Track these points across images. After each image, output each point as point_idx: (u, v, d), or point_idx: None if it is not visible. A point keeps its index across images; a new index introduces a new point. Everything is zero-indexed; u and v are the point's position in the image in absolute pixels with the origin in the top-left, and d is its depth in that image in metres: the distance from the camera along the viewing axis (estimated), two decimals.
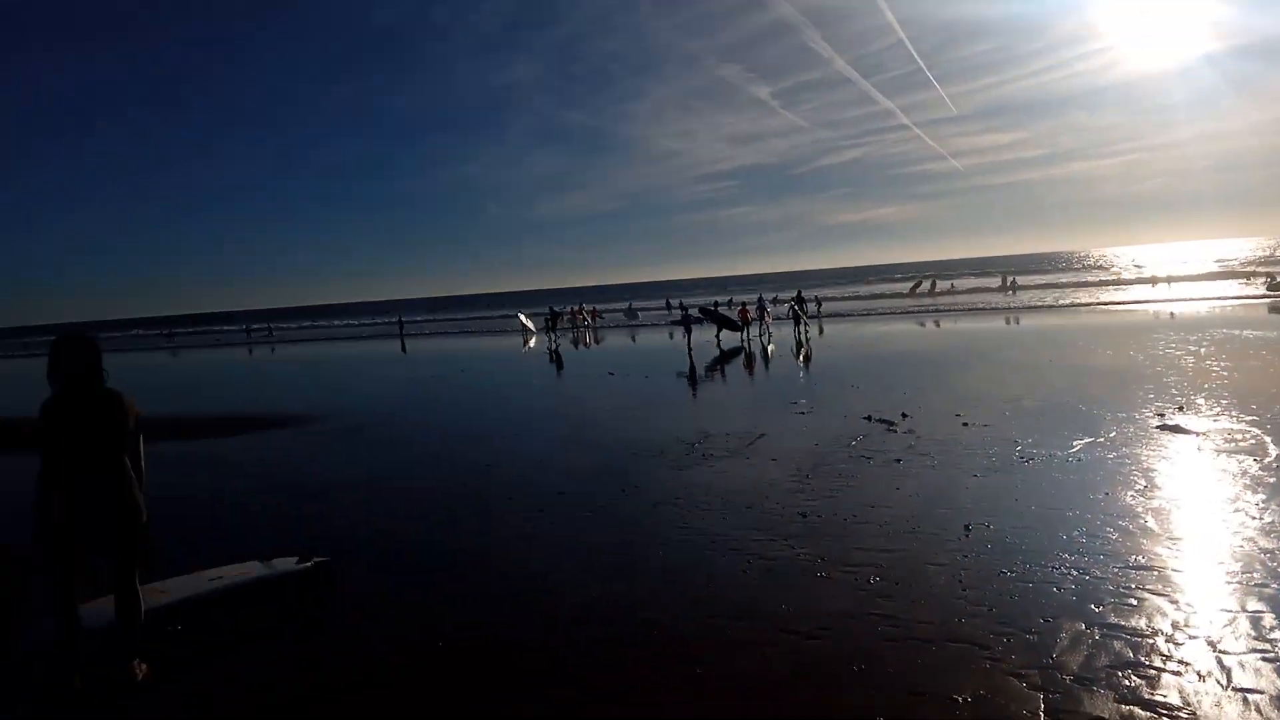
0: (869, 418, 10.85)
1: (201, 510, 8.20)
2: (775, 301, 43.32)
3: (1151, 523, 5.97)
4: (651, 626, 4.67)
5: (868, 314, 41.64)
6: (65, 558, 4.11)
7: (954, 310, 39.16)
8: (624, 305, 61.21)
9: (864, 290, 70.06)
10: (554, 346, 31.84)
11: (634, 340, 35.67)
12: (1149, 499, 6.56)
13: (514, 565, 5.95)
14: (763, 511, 6.92)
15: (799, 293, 35.22)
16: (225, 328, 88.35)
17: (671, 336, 33.41)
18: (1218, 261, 68.52)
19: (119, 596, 4.31)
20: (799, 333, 29.12)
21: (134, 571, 4.32)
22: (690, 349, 24.80)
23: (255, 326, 77.42)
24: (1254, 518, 5.93)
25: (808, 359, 21.51)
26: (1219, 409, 9.91)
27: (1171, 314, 27.54)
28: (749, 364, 21.50)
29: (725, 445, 9.86)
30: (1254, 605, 4.46)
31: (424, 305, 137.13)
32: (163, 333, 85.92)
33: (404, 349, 39.65)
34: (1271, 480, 6.84)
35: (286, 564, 5.86)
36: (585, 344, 35.06)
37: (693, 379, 18.47)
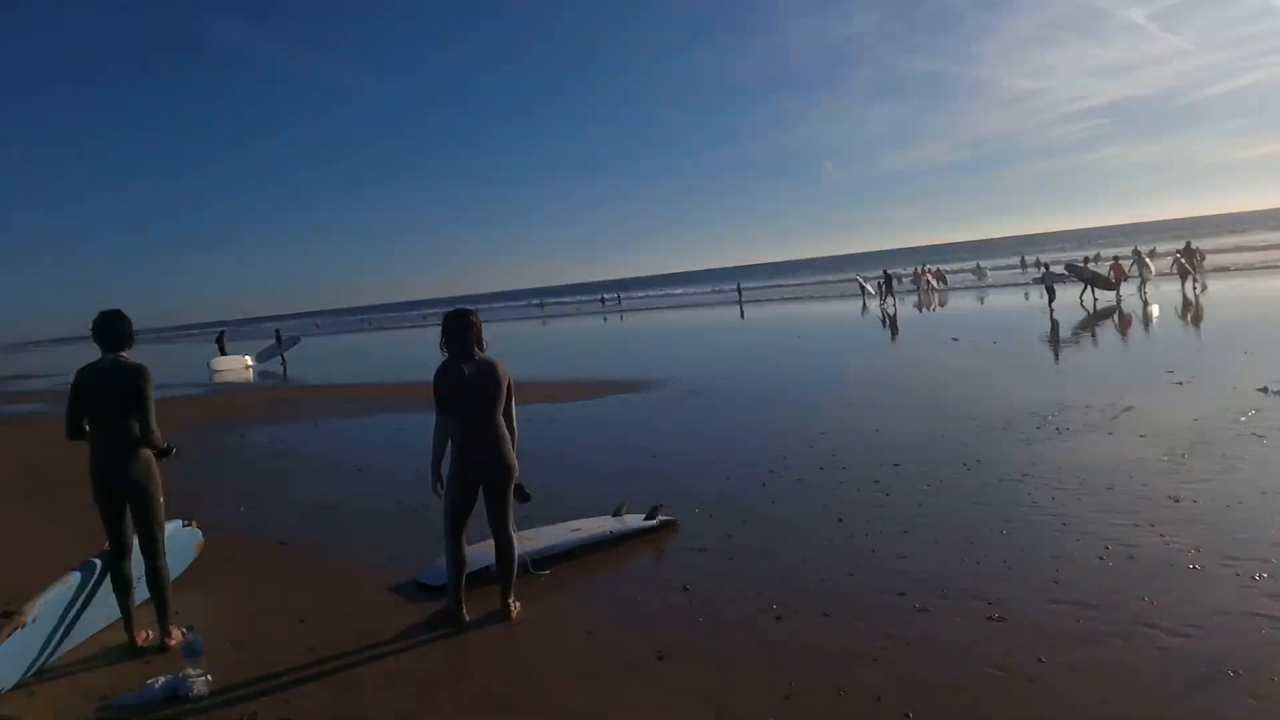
0: (1265, 389, 9.40)
1: (564, 466, 9.08)
2: (1153, 255, 38.54)
3: None
4: (992, 608, 4.48)
5: (1269, 267, 35.64)
6: (456, 505, 4.82)
7: None
8: (971, 265, 57.74)
9: (1262, 239, 59.72)
10: (891, 311, 30.92)
11: (982, 303, 33.63)
12: None
13: (843, 538, 5.95)
14: (1125, 493, 6.30)
15: (1188, 244, 30.89)
16: (581, 298, 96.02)
17: (1027, 297, 31.06)
18: None
19: (497, 541, 4.95)
20: (1185, 290, 25.64)
21: (509, 519, 4.94)
22: (1052, 311, 22.88)
23: (607, 296, 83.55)
24: None
25: (1195, 320, 18.97)
26: None
27: None
28: (1121, 326, 19.44)
29: (1084, 418, 9.06)
30: None
31: (763, 271, 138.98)
32: (533, 303, 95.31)
33: (742, 315, 40.64)
34: None
35: (635, 520, 6.38)
36: (928, 307, 33.67)
37: (1053, 344, 17.07)
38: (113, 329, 4.79)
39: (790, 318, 34.71)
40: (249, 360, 33.99)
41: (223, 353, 35.57)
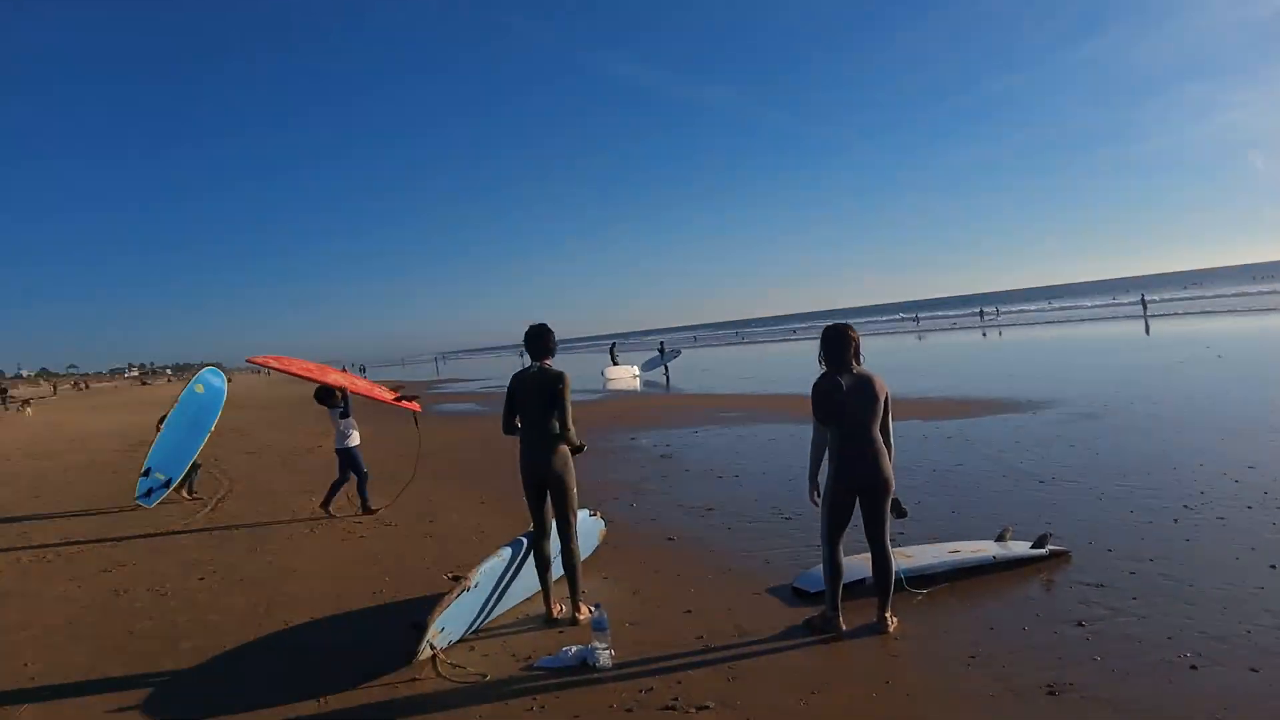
0: None
1: (941, 485, 8.78)
2: None
3: None
4: None
5: None
6: (833, 515, 4.92)
7: None
8: None
9: None
10: None
11: None
12: None
13: (1277, 586, 5.17)
14: None
15: None
16: (957, 311, 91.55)
17: None
18: None
19: (874, 555, 4.97)
20: None
21: (886, 534, 4.94)
22: None
23: (986, 309, 79.20)
24: None
25: None
26: None
27: None
28: None
29: None
30: None
31: (1173, 281, 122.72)
32: (909, 317, 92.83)
33: (1147, 330, 36.25)
34: None
35: (1021, 547, 6.04)
36: None
37: None
38: (538, 340, 5.59)
39: (1208, 333, 30.27)
40: (636, 370, 36.83)
41: (614, 362, 38.84)
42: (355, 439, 9.53)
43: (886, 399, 4.89)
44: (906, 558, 5.73)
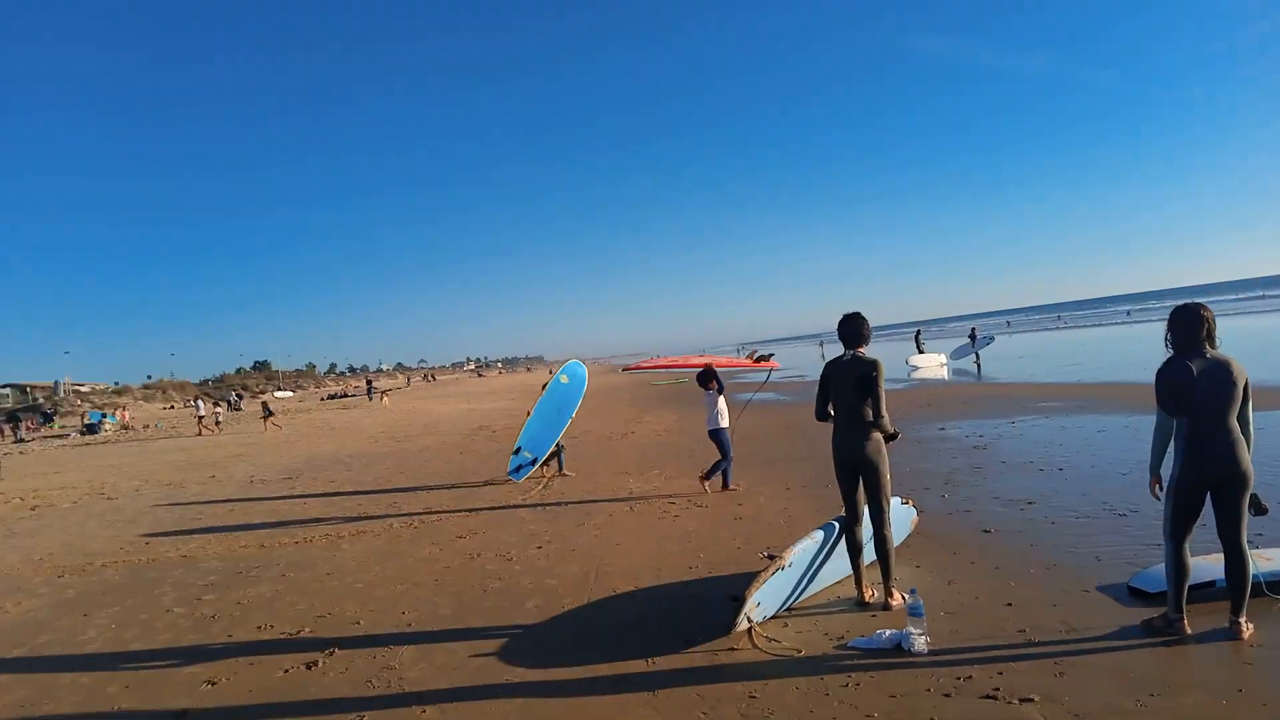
0: None
1: None
2: None
3: None
4: None
5: None
6: (1179, 510, 4.54)
7: None
8: None
9: None
10: None
11: None
12: None
13: None
14: None
15: None
16: None
17: None
18: None
19: (1227, 554, 4.52)
20: None
21: (1242, 532, 4.47)
22: None
23: None
24: None
25: None
26: None
27: None
28: None
29: None
30: None
31: None
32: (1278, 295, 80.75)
33: None
34: None
35: None
36: None
37: None
38: (853, 328, 5.67)
39: None
40: (943, 358, 35.31)
41: (920, 351, 37.48)
42: (725, 420, 10.11)
43: (1245, 385, 4.43)
44: (1266, 560, 5.12)
